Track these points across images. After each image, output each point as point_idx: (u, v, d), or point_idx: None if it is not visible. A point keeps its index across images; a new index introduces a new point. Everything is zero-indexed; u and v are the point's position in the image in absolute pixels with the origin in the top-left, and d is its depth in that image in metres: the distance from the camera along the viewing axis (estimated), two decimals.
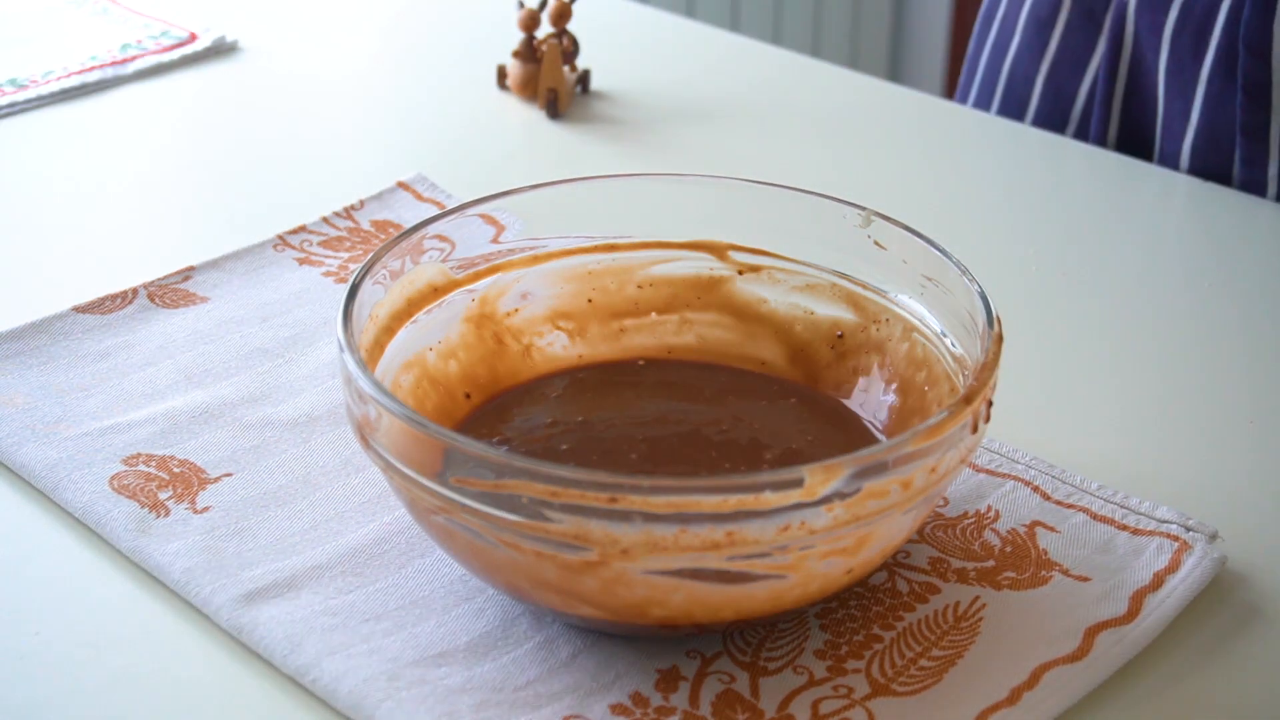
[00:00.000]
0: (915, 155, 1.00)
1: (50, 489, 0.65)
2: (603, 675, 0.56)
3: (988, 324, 0.59)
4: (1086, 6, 1.03)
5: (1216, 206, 0.93)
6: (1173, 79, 0.97)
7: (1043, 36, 1.05)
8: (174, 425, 0.69)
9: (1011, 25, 1.07)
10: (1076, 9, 1.03)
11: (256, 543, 0.62)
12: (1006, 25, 1.08)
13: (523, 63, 1.03)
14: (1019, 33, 1.06)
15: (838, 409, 0.67)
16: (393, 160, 0.95)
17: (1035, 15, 1.05)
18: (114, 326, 0.76)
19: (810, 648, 0.58)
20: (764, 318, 0.70)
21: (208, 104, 1.05)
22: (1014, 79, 1.07)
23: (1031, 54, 1.05)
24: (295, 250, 0.83)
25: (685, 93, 1.06)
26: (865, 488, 0.52)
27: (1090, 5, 1.03)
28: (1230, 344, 0.79)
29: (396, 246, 0.64)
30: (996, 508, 0.64)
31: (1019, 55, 1.06)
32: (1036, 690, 0.55)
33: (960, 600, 0.60)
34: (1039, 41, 1.05)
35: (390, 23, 1.21)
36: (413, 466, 0.54)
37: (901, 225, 0.65)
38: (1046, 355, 0.77)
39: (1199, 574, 0.60)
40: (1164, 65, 0.96)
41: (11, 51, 1.07)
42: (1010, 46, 1.07)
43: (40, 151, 0.97)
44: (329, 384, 0.72)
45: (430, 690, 0.55)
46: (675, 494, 0.51)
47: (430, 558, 0.62)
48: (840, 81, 1.11)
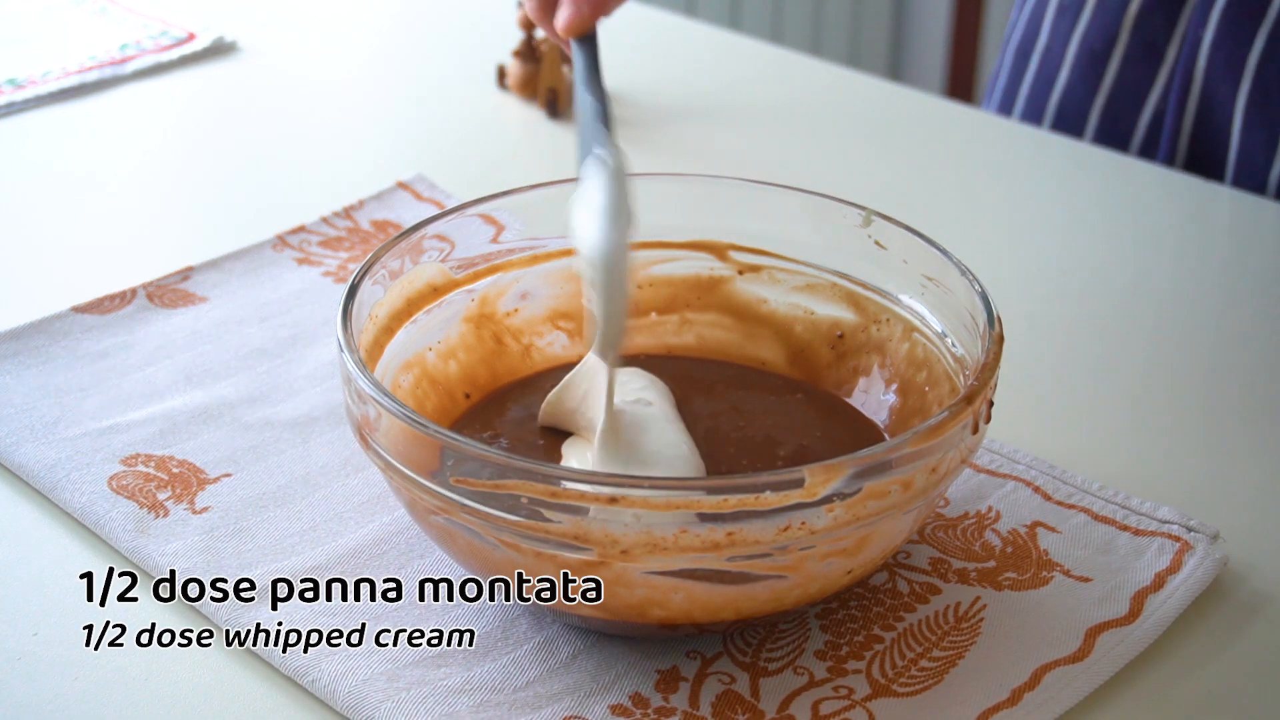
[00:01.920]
0: (915, 155, 1.00)
1: (49, 489, 0.65)
2: (603, 676, 0.56)
3: (989, 324, 0.59)
4: (1146, 38, 1.01)
5: (1217, 206, 0.93)
6: (1254, 109, 0.96)
7: (1097, 68, 1.03)
8: (173, 425, 0.69)
9: (1058, 57, 1.05)
10: (1135, 40, 1.01)
11: (255, 543, 0.62)
12: (1051, 57, 1.06)
13: (523, 62, 1.03)
14: (1069, 64, 1.04)
15: (842, 406, 0.67)
16: (393, 160, 0.95)
17: (1088, 47, 1.03)
18: (113, 326, 0.76)
19: (811, 648, 0.58)
20: (764, 318, 0.70)
21: (206, 104, 1.05)
22: (1065, 111, 1.05)
23: (1085, 86, 1.04)
24: (295, 250, 0.83)
25: (685, 93, 1.06)
26: (866, 488, 0.52)
27: (1151, 36, 1.01)
28: (1231, 344, 0.79)
29: (396, 246, 0.64)
30: (997, 508, 0.64)
31: (1070, 87, 1.04)
32: (1037, 691, 0.55)
33: (961, 601, 0.60)
34: (1093, 74, 1.04)
35: (390, 23, 1.21)
36: (412, 466, 0.54)
37: (902, 225, 0.65)
38: (1047, 355, 0.77)
39: (1200, 574, 0.60)
40: (1244, 96, 0.95)
41: (10, 51, 1.07)
42: (1058, 78, 1.05)
43: (39, 151, 0.97)
44: (328, 384, 0.72)
45: (430, 691, 0.55)
46: (675, 494, 0.51)
47: (430, 558, 0.61)
48: (840, 81, 1.11)
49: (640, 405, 0.62)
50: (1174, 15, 0.99)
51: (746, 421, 0.65)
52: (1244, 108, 0.95)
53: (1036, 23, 1.07)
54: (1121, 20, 1.01)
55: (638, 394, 0.63)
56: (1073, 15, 1.04)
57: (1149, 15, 1.00)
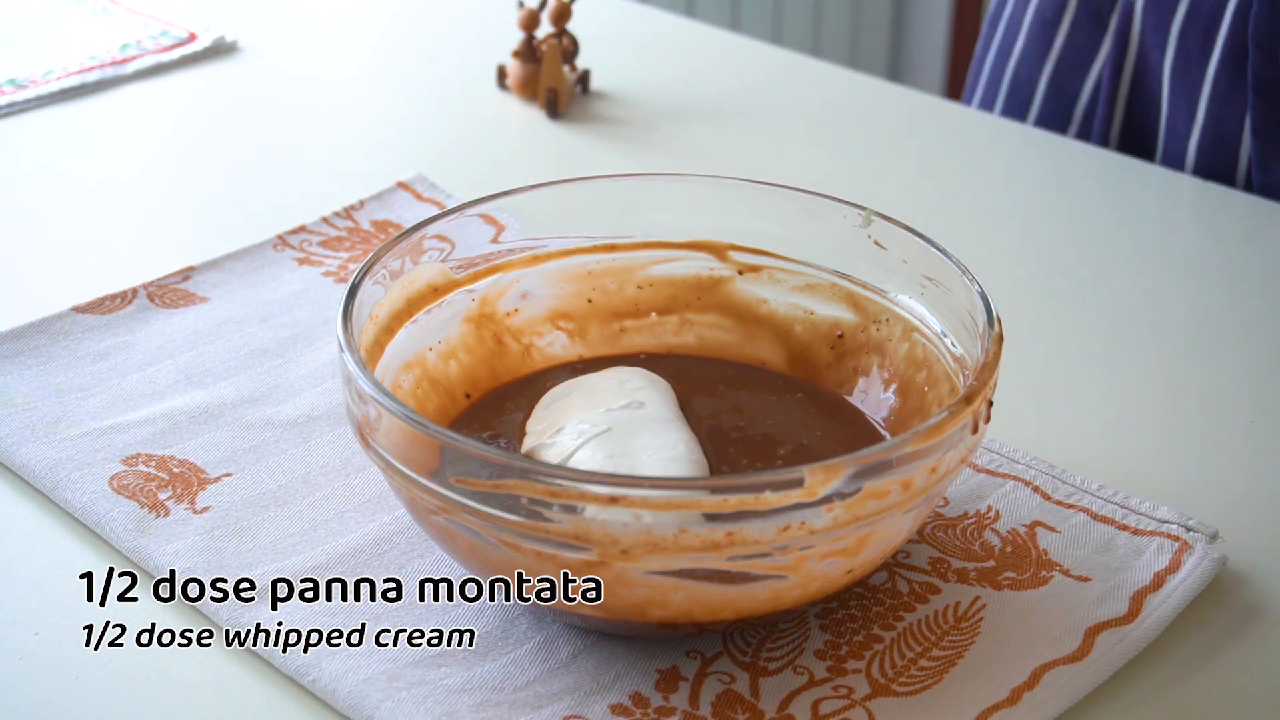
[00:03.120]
0: (915, 155, 1.00)
1: (50, 489, 0.65)
2: (603, 675, 0.56)
3: (988, 324, 0.59)
4: (1093, 7, 1.03)
5: (1216, 207, 0.93)
6: (1178, 78, 0.96)
7: (1048, 36, 1.05)
8: (173, 425, 0.69)
9: (1017, 26, 1.07)
10: (1083, 9, 1.03)
11: (256, 543, 0.62)
12: (1012, 26, 1.08)
13: (523, 63, 1.03)
14: (1024, 33, 1.06)
15: (842, 405, 0.67)
16: (393, 160, 0.95)
17: (1041, 15, 1.05)
18: (113, 326, 0.76)
19: (810, 648, 0.58)
20: (764, 318, 0.70)
21: (207, 104, 1.05)
22: (1018, 79, 1.07)
23: (1036, 54, 1.05)
24: (295, 250, 0.83)
25: (685, 93, 1.06)
26: (865, 488, 0.52)
27: (1097, 5, 1.03)
28: (1231, 344, 0.79)
29: (396, 246, 0.64)
30: (997, 508, 0.64)
31: (1024, 55, 1.06)
32: (1037, 690, 0.55)
33: (960, 600, 0.60)
34: (1044, 41, 1.05)
35: (390, 23, 1.21)
36: (412, 467, 0.54)
37: (901, 225, 0.65)
38: (1046, 355, 0.77)
39: (1199, 574, 0.60)
40: (1169, 64, 0.95)
41: (11, 51, 1.07)
42: (1015, 47, 1.07)
43: (40, 151, 0.97)
44: (329, 384, 0.72)
45: (430, 690, 0.55)
46: (675, 494, 0.51)
47: (430, 558, 0.61)
48: (840, 81, 1.11)
49: (632, 408, 0.62)
50: None
51: (747, 421, 0.65)
52: (1169, 77, 0.95)
53: None
54: None
55: (633, 394, 0.63)
56: None
57: None
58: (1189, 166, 0.97)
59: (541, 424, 0.63)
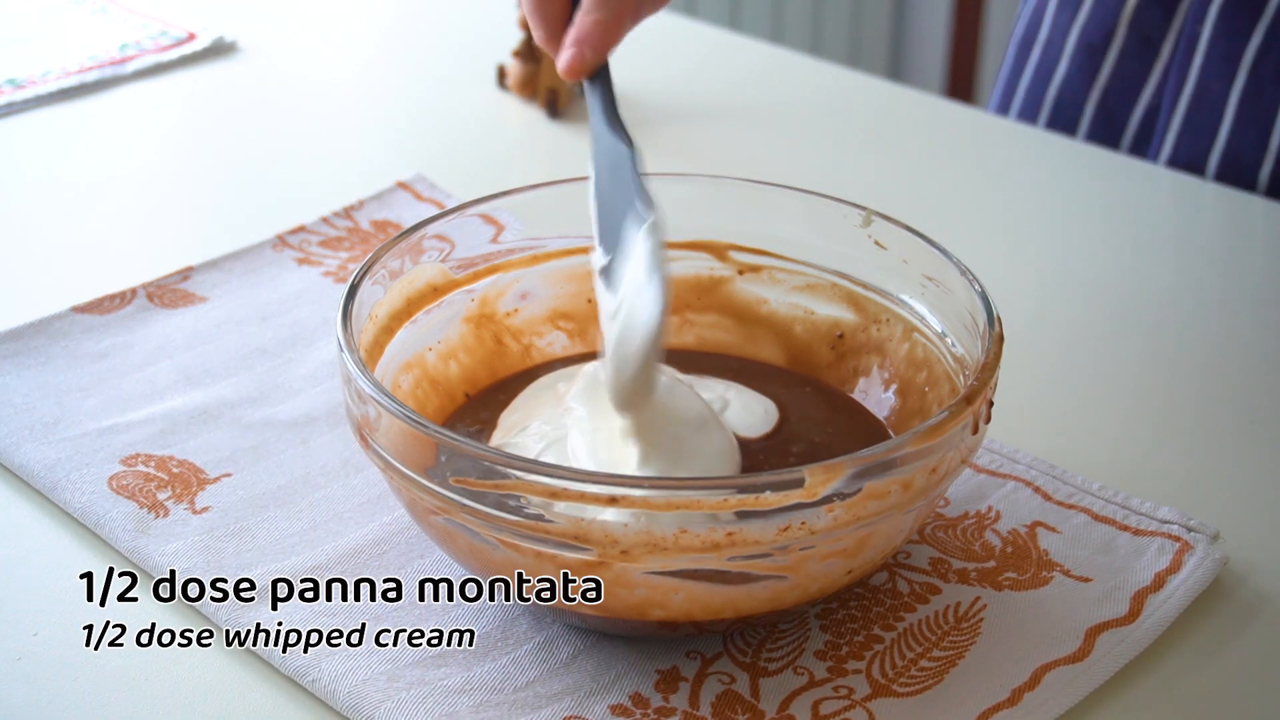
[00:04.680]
0: (915, 155, 1.00)
1: (49, 489, 0.65)
2: (603, 676, 0.56)
3: (989, 324, 0.59)
4: (1143, 33, 1.02)
5: (1216, 206, 0.93)
6: (1247, 107, 0.96)
7: (1094, 63, 1.04)
8: (173, 425, 0.69)
9: (1057, 50, 1.06)
10: (1133, 36, 1.02)
11: (256, 543, 0.62)
12: (1051, 50, 1.07)
13: (523, 62, 1.03)
14: (1067, 58, 1.05)
15: (847, 402, 0.67)
16: (393, 160, 0.95)
17: (1086, 41, 1.04)
18: (113, 327, 0.76)
19: (811, 648, 0.57)
20: (764, 319, 0.70)
21: (206, 103, 1.05)
22: (1062, 102, 1.06)
23: (1082, 79, 1.05)
24: (294, 250, 0.83)
25: (685, 93, 1.06)
26: (866, 488, 0.52)
27: (1147, 32, 1.02)
28: (1231, 344, 0.79)
29: (396, 246, 0.64)
30: (997, 508, 0.64)
31: (1068, 80, 1.06)
32: (1037, 691, 0.55)
33: (961, 601, 0.60)
34: (1090, 68, 1.05)
35: (390, 22, 1.21)
36: (412, 466, 0.54)
37: (902, 225, 0.65)
38: (1047, 355, 0.77)
39: (1200, 575, 0.60)
40: (1238, 92, 0.95)
41: (10, 51, 1.07)
42: (1057, 71, 1.06)
43: (39, 151, 0.97)
44: (328, 384, 0.72)
45: (430, 691, 0.55)
46: (675, 494, 0.51)
47: (430, 558, 0.61)
48: (840, 81, 1.11)
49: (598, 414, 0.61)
50: (1170, 10, 1.00)
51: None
52: (1236, 104, 0.95)
53: (1039, 15, 1.08)
54: (1119, 15, 1.02)
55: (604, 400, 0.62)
56: (1072, 9, 1.05)
57: (1146, 10, 1.01)
58: (1261, 188, 0.97)
59: (513, 416, 0.63)
